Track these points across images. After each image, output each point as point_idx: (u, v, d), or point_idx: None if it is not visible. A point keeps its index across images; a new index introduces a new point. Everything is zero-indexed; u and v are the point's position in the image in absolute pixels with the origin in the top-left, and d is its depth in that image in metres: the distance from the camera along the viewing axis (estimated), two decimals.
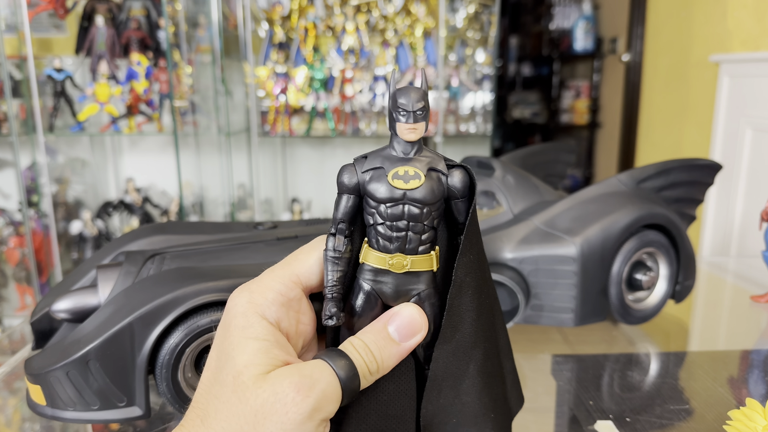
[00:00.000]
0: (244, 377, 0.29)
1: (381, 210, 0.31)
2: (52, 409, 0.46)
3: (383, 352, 0.31)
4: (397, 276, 0.32)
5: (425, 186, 0.31)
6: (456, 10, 2.09)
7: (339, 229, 0.32)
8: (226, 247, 0.56)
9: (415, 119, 0.30)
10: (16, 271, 1.85)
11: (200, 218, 2.09)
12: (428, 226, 0.32)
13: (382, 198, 0.31)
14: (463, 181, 0.32)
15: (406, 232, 0.31)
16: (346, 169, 0.32)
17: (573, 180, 3.45)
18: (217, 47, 1.94)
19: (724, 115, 1.83)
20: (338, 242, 0.32)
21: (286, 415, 0.28)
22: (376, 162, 0.31)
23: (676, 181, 0.73)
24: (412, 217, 0.31)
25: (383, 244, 0.31)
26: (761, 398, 0.55)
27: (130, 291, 0.48)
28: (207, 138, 2.08)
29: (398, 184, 0.30)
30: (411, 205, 0.31)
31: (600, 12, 3.35)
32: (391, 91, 0.31)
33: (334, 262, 0.32)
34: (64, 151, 1.98)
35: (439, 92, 2.00)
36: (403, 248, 0.31)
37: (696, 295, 0.86)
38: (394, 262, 0.31)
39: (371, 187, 0.31)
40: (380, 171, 0.31)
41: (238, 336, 0.30)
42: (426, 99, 0.31)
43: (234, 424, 0.28)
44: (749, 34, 1.74)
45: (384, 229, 0.31)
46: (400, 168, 0.31)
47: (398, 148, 0.31)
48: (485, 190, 0.68)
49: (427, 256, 0.32)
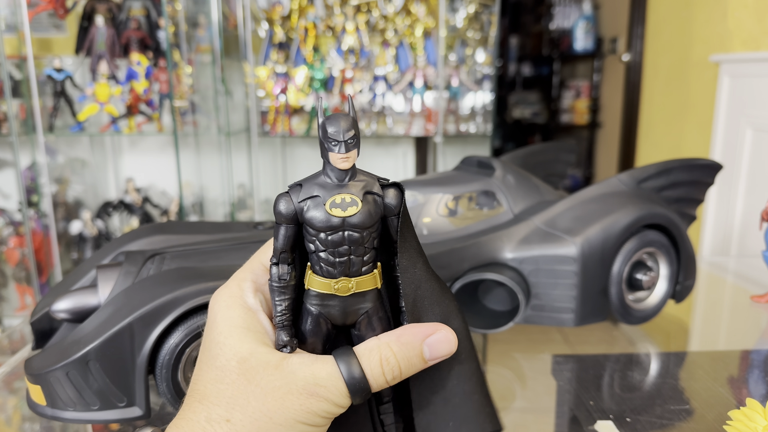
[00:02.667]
0: (252, 362, 0.30)
1: (321, 237, 0.31)
2: (52, 409, 0.46)
3: (411, 369, 0.32)
4: (344, 298, 0.32)
5: (363, 211, 0.31)
6: (456, 10, 2.09)
7: (281, 258, 0.32)
8: (226, 247, 0.56)
9: (347, 148, 0.30)
10: (16, 271, 1.85)
11: (200, 218, 2.09)
12: (369, 248, 0.32)
13: (321, 227, 0.31)
14: (397, 197, 0.32)
15: (348, 257, 0.31)
16: (282, 198, 0.32)
17: (573, 180, 3.45)
18: (217, 47, 1.94)
19: (724, 115, 1.83)
20: (282, 271, 0.32)
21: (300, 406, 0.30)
22: (313, 190, 0.31)
23: (677, 181, 0.73)
24: (352, 242, 0.31)
25: (326, 270, 0.32)
26: (761, 398, 0.55)
27: (130, 291, 0.48)
28: (207, 138, 2.08)
29: (336, 213, 0.31)
30: (351, 231, 0.31)
31: (600, 12, 3.35)
32: (320, 121, 0.31)
33: (281, 291, 0.32)
34: (64, 151, 1.98)
35: (439, 92, 2.00)
36: (347, 272, 0.32)
37: (696, 295, 0.86)
38: (339, 287, 0.32)
39: (309, 216, 0.31)
40: (317, 199, 0.31)
41: (228, 325, 0.32)
42: (356, 127, 0.31)
43: (242, 400, 0.30)
44: (749, 34, 1.74)
45: (326, 255, 0.31)
46: (336, 196, 0.31)
47: (332, 175, 0.31)
48: (485, 190, 0.68)
49: (370, 275, 0.33)
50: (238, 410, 0.29)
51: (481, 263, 0.62)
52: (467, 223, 0.65)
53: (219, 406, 0.30)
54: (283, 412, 0.30)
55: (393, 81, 2.00)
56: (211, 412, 0.30)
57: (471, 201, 0.67)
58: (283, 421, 0.30)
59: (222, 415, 0.29)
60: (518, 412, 0.41)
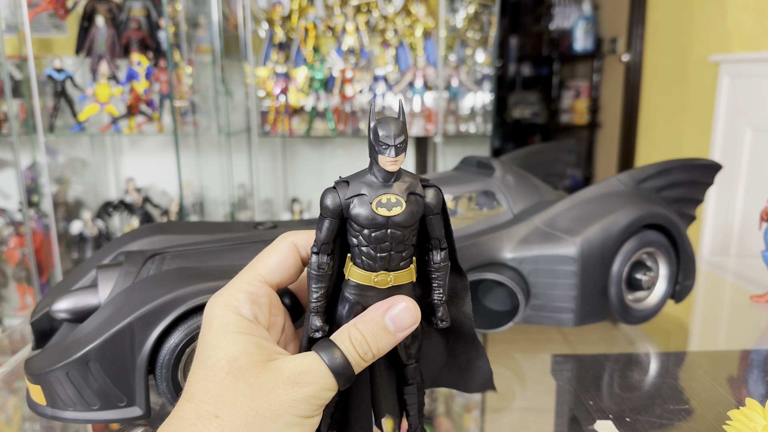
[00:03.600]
0: (242, 362, 0.31)
1: (365, 234, 0.32)
2: (52, 409, 0.46)
3: (380, 343, 0.34)
4: (381, 290, 0.34)
5: (406, 211, 0.32)
6: (456, 10, 2.09)
7: (322, 248, 0.33)
8: (226, 247, 0.56)
9: (396, 152, 0.31)
10: (16, 271, 1.85)
11: (200, 218, 2.09)
12: (408, 245, 0.34)
13: (365, 224, 0.32)
14: (437, 198, 0.34)
15: (389, 253, 0.33)
16: (329, 193, 0.33)
17: (573, 180, 3.45)
18: (218, 47, 1.94)
19: (724, 115, 1.83)
20: (321, 261, 0.33)
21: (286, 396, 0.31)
22: (359, 189, 0.33)
23: (676, 181, 0.73)
24: (394, 239, 0.33)
25: (367, 263, 0.33)
26: (761, 398, 0.55)
27: (130, 291, 0.48)
28: (207, 138, 2.08)
29: (382, 212, 0.32)
30: (394, 230, 0.32)
31: (600, 12, 3.35)
32: (371, 124, 0.32)
33: (318, 279, 0.33)
34: (64, 151, 1.98)
35: (439, 92, 2.00)
36: (387, 266, 0.33)
37: (696, 295, 0.86)
38: (378, 279, 0.33)
39: (355, 213, 0.32)
40: (363, 198, 0.32)
41: (223, 331, 0.32)
42: (406, 131, 0.32)
43: (230, 397, 0.30)
44: (749, 34, 1.74)
45: (368, 250, 0.33)
46: (383, 196, 0.32)
47: (379, 175, 0.33)
48: (485, 190, 0.68)
49: (407, 270, 0.34)
50: (227, 407, 0.30)
51: (481, 263, 0.62)
52: (467, 223, 0.65)
53: (208, 403, 0.30)
54: (270, 405, 0.30)
55: (393, 81, 2.01)
56: (200, 410, 0.30)
57: (471, 201, 0.67)
58: (270, 414, 0.30)
59: (211, 411, 0.30)
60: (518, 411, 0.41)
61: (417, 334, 0.36)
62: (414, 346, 0.37)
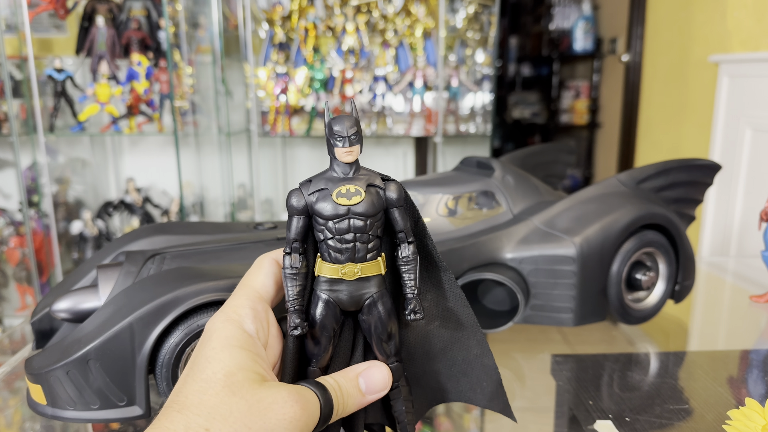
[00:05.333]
0: (239, 377, 0.31)
1: (329, 226, 0.34)
2: (53, 408, 0.46)
3: (348, 400, 0.35)
4: (350, 283, 0.35)
5: (366, 200, 0.34)
6: (456, 10, 2.09)
7: (294, 248, 0.35)
8: (226, 247, 0.56)
9: (350, 143, 0.34)
10: (16, 271, 1.85)
11: (200, 218, 2.09)
12: (373, 236, 0.35)
13: (328, 215, 0.34)
14: (398, 191, 0.36)
15: (353, 243, 0.35)
16: (294, 193, 0.35)
17: (573, 180, 3.45)
18: (218, 47, 1.94)
19: (723, 115, 1.83)
20: (294, 260, 0.35)
21: (283, 418, 0.30)
22: (321, 184, 0.35)
23: (676, 182, 0.73)
24: (357, 229, 0.34)
25: (334, 256, 0.35)
26: (761, 398, 0.55)
27: (130, 291, 0.48)
28: (207, 138, 2.08)
29: (342, 202, 0.34)
30: (355, 219, 0.34)
31: (600, 12, 3.35)
32: (326, 121, 0.35)
33: (293, 278, 0.35)
34: (64, 151, 1.99)
35: (439, 92, 2.00)
36: (353, 257, 0.35)
37: (695, 295, 0.86)
38: (346, 271, 0.35)
39: (318, 207, 0.34)
40: (325, 191, 0.35)
41: (222, 344, 0.32)
42: (358, 125, 0.35)
43: (224, 410, 0.30)
44: (749, 34, 1.74)
45: (334, 242, 0.35)
46: (342, 187, 0.35)
47: (338, 169, 0.35)
48: (485, 190, 0.68)
49: (374, 262, 0.36)
50: (219, 420, 0.29)
51: (481, 263, 0.63)
52: (467, 224, 0.65)
53: (199, 416, 0.30)
54: (265, 423, 0.30)
55: (393, 81, 2.01)
56: (190, 422, 0.29)
57: (470, 201, 0.67)
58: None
59: (201, 424, 0.29)
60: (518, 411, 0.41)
61: (392, 333, 0.37)
62: (391, 344, 0.37)
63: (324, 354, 0.36)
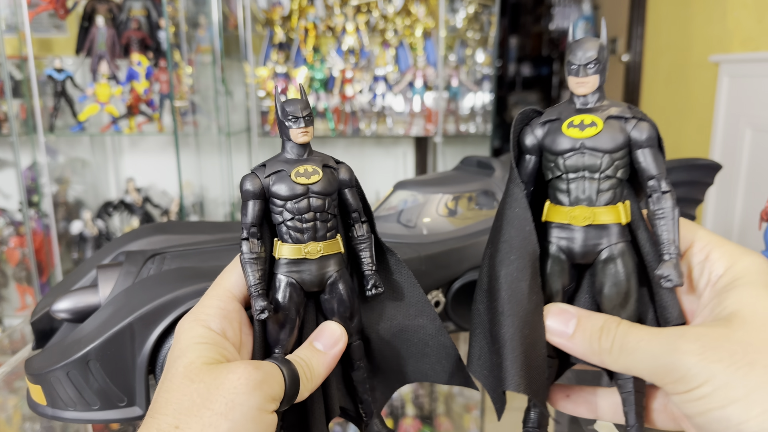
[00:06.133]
0: (196, 365, 0.31)
1: (288, 207, 0.35)
2: (53, 409, 0.46)
3: (312, 362, 0.35)
4: (313, 262, 0.36)
5: (323, 179, 0.35)
6: (456, 10, 2.09)
7: (251, 233, 0.35)
8: (226, 247, 0.56)
9: (305, 123, 0.35)
10: (16, 271, 1.85)
11: (200, 218, 2.09)
12: (331, 215, 0.36)
13: (287, 195, 0.35)
14: (349, 172, 0.37)
15: (314, 222, 0.35)
16: (248, 178, 0.35)
17: None
18: (218, 47, 1.94)
19: (723, 115, 1.83)
20: (253, 245, 0.35)
21: (238, 383, 0.30)
22: (277, 166, 0.35)
23: (676, 181, 0.73)
24: (317, 208, 0.35)
25: (295, 236, 0.35)
26: None
27: (131, 291, 0.48)
28: (207, 138, 2.08)
29: (301, 181, 0.35)
30: (315, 197, 0.35)
31: (600, 12, 3.35)
32: (278, 104, 0.35)
33: (253, 262, 0.35)
34: (64, 151, 1.98)
35: (439, 92, 2.00)
36: (314, 236, 0.36)
37: None
38: (309, 249, 0.35)
39: (275, 189, 0.35)
40: (282, 173, 0.35)
41: (186, 342, 0.33)
42: (310, 107, 0.36)
43: (187, 402, 0.30)
44: (749, 34, 1.74)
45: (293, 223, 0.35)
46: (300, 167, 0.35)
47: (293, 151, 0.36)
48: (485, 189, 0.68)
49: (334, 240, 0.36)
50: (185, 414, 0.30)
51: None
52: (467, 223, 0.65)
53: (167, 415, 0.30)
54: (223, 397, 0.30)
55: (393, 81, 2.01)
56: (161, 423, 0.30)
57: (471, 201, 0.67)
58: (224, 409, 0.29)
59: (171, 423, 0.29)
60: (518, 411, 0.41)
61: (354, 311, 0.37)
62: (354, 321, 0.37)
63: (289, 338, 0.36)
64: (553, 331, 0.32)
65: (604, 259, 0.32)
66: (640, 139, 0.30)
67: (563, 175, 0.31)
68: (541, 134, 0.32)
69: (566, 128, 0.31)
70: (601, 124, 0.30)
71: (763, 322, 0.28)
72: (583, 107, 0.32)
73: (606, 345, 0.31)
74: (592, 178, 0.31)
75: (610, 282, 0.32)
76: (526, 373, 0.33)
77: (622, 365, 0.31)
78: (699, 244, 0.32)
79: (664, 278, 0.30)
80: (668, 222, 0.31)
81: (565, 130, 0.31)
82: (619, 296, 0.32)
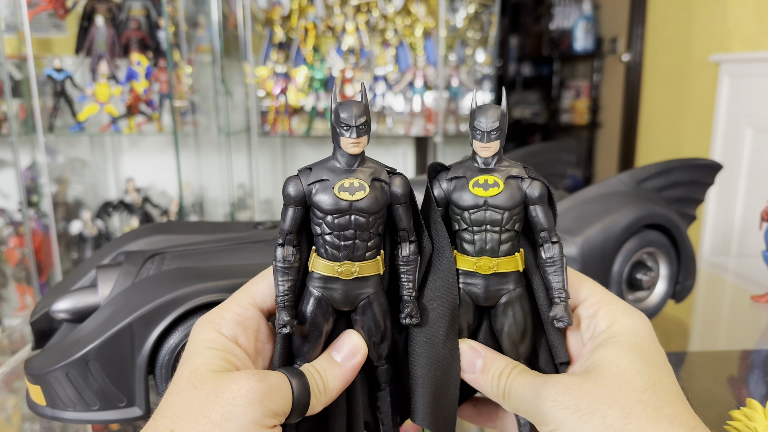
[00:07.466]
0: (201, 371, 0.31)
1: (328, 221, 0.32)
2: (52, 409, 0.46)
3: (326, 375, 0.34)
4: (346, 282, 0.33)
5: (370, 196, 0.32)
6: (456, 10, 2.09)
7: (287, 239, 0.33)
8: (226, 247, 0.56)
9: (358, 134, 0.31)
10: (16, 271, 1.85)
11: (200, 218, 2.09)
12: (374, 234, 0.33)
13: (328, 209, 0.32)
14: (404, 186, 0.33)
15: (353, 241, 0.32)
16: (291, 181, 0.32)
17: (573, 180, 3.45)
18: (217, 47, 1.94)
19: (724, 115, 1.83)
20: (287, 252, 0.33)
21: (238, 394, 0.29)
22: (322, 174, 0.32)
23: (677, 181, 0.73)
24: (358, 226, 0.32)
25: (332, 253, 0.32)
26: (761, 398, 0.55)
27: (130, 291, 0.48)
28: (207, 138, 2.08)
29: (344, 196, 0.31)
30: (357, 215, 0.32)
31: (600, 12, 3.35)
32: (333, 107, 0.32)
33: (284, 272, 0.33)
34: (64, 151, 1.98)
35: (439, 92, 2.00)
36: (351, 256, 0.32)
37: (696, 295, 0.86)
38: (342, 270, 0.32)
39: (317, 199, 0.32)
40: (326, 183, 0.32)
41: (196, 346, 0.33)
42: (368, 113, 0.32)
43: (186, 407, 0.30)
44: (749, 34, 1.74)
45: (331, 238, 0.32)
46: (345, 180, 0.32)
47: (342, 160, 0.32)
48: None
49: (373, 261, 0.33)
50: (182, 419, 0.29)
51: None
52: None
53: (166, 417, 0.30)
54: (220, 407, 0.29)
55: (393, 81, 2.00)
56: (158, 425, 0.30)
57: None
58: (220, 418, 0.29)
59: (167, 425, 0.29)
60: None
61: (387, 334, 0.35)
62: (384, 346, 0.35)
63: (311, 352, 0.34)
64: (463, 369, 0.35)
65: (504, 303, 0.35)
66: (533, 197, 0.34)
67: (469, 228, 0.35)
68: (448, 188, 0.35)
69: (472, 187, 0.34)
70: (502, 184, 0.34)
71: (614, 377, 0.31)
72: (485, 167, 0.35)
73: (501, 388, 0.34)
74: (494, 231, 0.34)
75: (509, 322, 0.35)
76: (434, 410, 0.35)
77: (512, 408, 0.34)
78: (591, 300, 0.36)
79: (556, 319, 0.34)
80: (557, 269, 0.35)
81: (471, 189, 0.34)
82: (518, 334, 0.35)
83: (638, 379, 0.30)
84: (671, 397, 0.31)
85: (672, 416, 0.29)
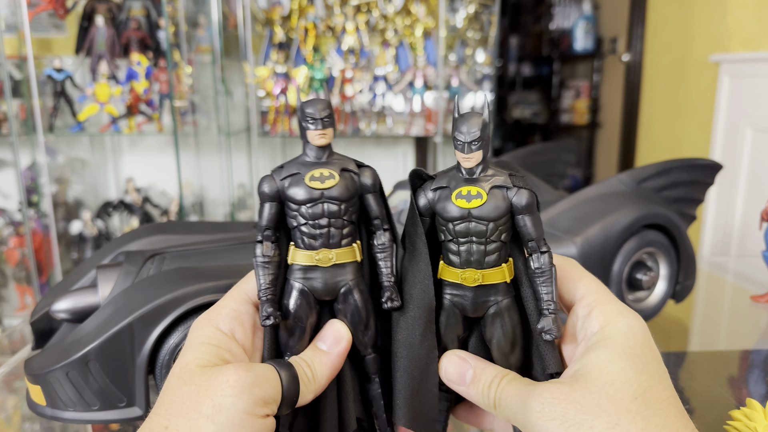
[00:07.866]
0: (191, 367, 0.31)
1: (302, 211, 0.34)
2: (52, 409, 0.46)
3: (315, 361, 0.34)
4: (325, 270, 0.34)
5: (340, 184, 0.34)
6: (456, 10, 2.09)
7: (265, 235, 0.34)
8: (226, 247, 0.56)
9: (323, 125, 0.34)
10: (16, 271, 1.85)
11: (200, 218, 2.09)
12: (347, 221, 0.35)
13: (301, 200, 0.33)
14: (372, 177, 0.35)
15: (328, 229, 0.34)
16: (265, 179, 0.34)
17: (573, 180, 3.45)
18: (217, 47, 1.94)
19: (724, 115, 1.83)
20: (266, 248, 0.34)
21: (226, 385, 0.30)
22: (293, 169, 0.34)
23: (677, 181, 0.73)
24: (331, 214, 0.34)
25: (308, 242, 0.34)
26: (761, 398, 0.55)
27: (130, 291, 0.48)
28: (207, 138, 2.08)
29: (315, 185, 0.33)
30: (329, 203, 0.34)
31: (600, 12, 3.35)
32: (298, 105, 0.34)
33: (264, 266, 0.34)
34: (64, 151, 1.98)
35: (439, 92, 2.00)
36: (327, 243, 0.34)
37: (696, 295, 0.86)
38: (320, 257, 0.34)
39: (290, 192, 0.34)
40: (297, 176, 0.34)
41: (191, 342, 0.33)
42: (331, 108, 0.34)
43: (177, 403, 0.30)
44: (749, 34, 1.74)
45: (307, 228, 0.34)
46: (315, 171, 0.34)
47: (311, 154, 0.35)
48: None
49: (350, 248, 0.35)
50: (175, 415, 0.30)
51: None
52: None
53: (160, 415, 0.30)
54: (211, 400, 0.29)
55: (393, 81, 2.00)
56: (153, 423, 0.30)
57: None
58: (211, 411, 0.29)
59: (162, 423, 0.30)
60: None
61: (370, 320, 0.36)
62: (368, 333, 0.36)
63: (298, 345, 0.35)
64: (453, 380, 0.35)
65: (492, 314, 0.35)
66: (520, 206, 0.34)
67: (454, 239, 0.35)
68: (432, 198, 0.35)
69: (455, 198, 0.34)
70: (485, 195, 0.33)
71: (602, 385, 0.30)
72: (469, 177, 0.35)
73: (491, 398, 0.34)
74: (480, 243, 0.34)
75: (498, 333, 0.35)
76: (412, 409, 0.35)
77: (503, 417, 0.34)
78: (587, 299, 0.35)
79: (544, 332, 0.34)
80: (547, 280, 0.34)
81: (454, 200, 0.34)
82: (507, 345, 0.35)
83: (628, 388, 0.30)
84: (662, 405, 0.30)
85: (662, 425, 0.29)
